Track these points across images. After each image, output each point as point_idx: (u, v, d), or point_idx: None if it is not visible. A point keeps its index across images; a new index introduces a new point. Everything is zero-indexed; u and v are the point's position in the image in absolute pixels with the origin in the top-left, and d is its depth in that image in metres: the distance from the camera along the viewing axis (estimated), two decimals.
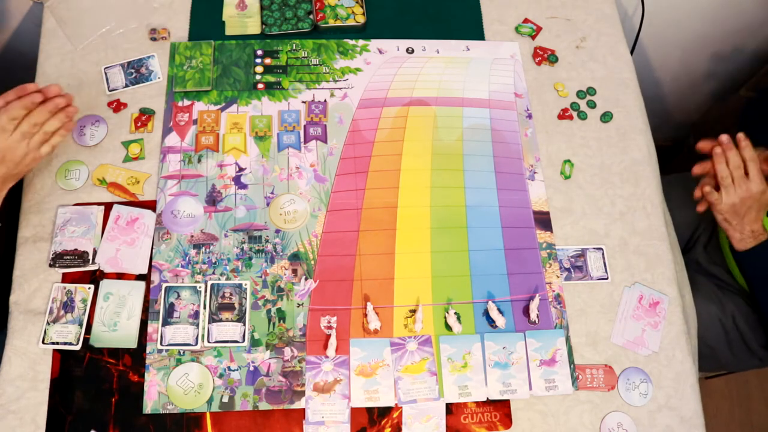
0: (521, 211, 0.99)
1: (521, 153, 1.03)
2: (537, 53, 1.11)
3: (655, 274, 0.98)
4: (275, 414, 0.85)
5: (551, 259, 0.96)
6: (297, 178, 0.98)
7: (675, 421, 0.90)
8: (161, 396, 0.84)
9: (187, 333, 0.87)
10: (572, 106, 1.08)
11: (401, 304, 0.92)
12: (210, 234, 0.93)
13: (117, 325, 0.87)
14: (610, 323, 0.94)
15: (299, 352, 0.88)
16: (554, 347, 0.91)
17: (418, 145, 1.02)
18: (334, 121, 1.02)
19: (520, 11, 1.15)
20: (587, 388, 0.90)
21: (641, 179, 1.04)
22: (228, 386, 0.85)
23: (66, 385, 0.84)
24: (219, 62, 1.04)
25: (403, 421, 0.85)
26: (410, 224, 0.96)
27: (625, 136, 1.07)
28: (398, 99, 1.05)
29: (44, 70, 1.02)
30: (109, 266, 0.90)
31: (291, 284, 0.91)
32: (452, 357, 0.89)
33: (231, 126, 1.00)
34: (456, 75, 1.08)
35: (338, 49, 1.08)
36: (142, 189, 0.95)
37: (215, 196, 0.96)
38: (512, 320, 0.92)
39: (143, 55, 1.03)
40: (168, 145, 0.98)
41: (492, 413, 0.87)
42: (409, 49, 1.09)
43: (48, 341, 0.85)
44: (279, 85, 1.04)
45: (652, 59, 1.54)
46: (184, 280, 0.90)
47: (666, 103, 1.75)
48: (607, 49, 1.13)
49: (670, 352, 0.93)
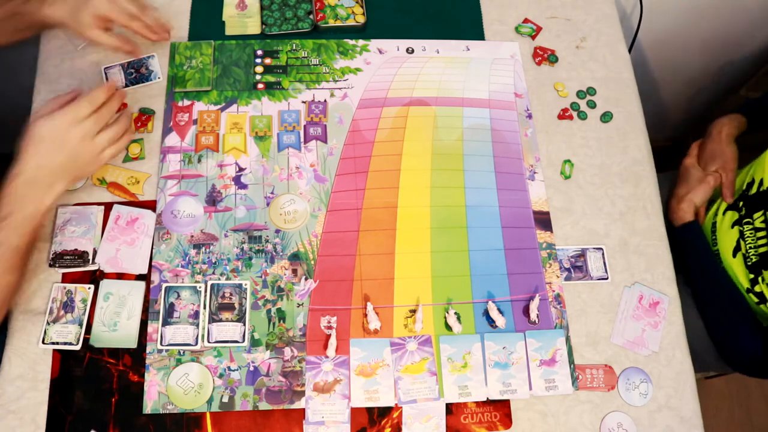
0: (521, 211, 0.99)
1: (521, 153, 1.03)
2: (537, 53, 1.11)
3: (655, 274, 0.98)
4: (275, 414, 0.85)
5: (551, 259, 0.96)
6: (297, 178, 0.98)
7: (675, 421, 0.90)
8: (161, 396, 0.84)
9: (187, 333, 0.87)
10: (572, 106, 1.08)
11: (401, 304, 0.92)
12: (210, 234, 0.93)
13: (117, 325, 0.87)
14: (610, 323, 0.94)
15: (299, 352, 0.88)
16: (554, 347, 0.91)
17: (418, 145, 1.02)
18: (334, 121, 1.02)
19: (520, 11, 1.15)
20: (587, 388, 0.90)
21: (641, 179, 1.04)
22: (228, 386, 0.85)
23: (66, 385, 0.84)
24: (219, 62, 1.04)
25: (403, 421, 0.85)
26: (410, 224, 0.96)
27: (625, 136, 1.07)
28: (398, 99, 1.05)
29: (44, 70, 1.02)
30: (109, 266, 0.90)
31: (291, 284, 0.91)
32: (452, 357, 0.89)
33: (231, 126, 1.00)
34: (456, 75, 1.08)
35: (338, 49, 1.08)
36: (142, 189, 0.95)
37: (215, 196, 0.96)
38: (512, 320, 0.92)
39: (143, 55, 1.03)
40: (168, 145, 0.98)
41: (492, 413, 0.87)
42: (409, 49, 1.09)
43: (48, 341, 0.85)
44: (279, 85, 1.04)
45: (651, 59, 1.54)
46: (184, 280, 0.90)
47: (665, 103, 1.75)
48: (607, 49, 1.13)
49: (670, 352, 0.93)
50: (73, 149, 0.79)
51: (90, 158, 0.82)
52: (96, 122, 0.81)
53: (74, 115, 0.79)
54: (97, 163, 0.84)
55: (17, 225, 0.76)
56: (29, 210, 0.77)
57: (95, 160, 0.83)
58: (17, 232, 0.76)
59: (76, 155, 0.80)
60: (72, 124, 0.79)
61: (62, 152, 0.79)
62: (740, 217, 1.07)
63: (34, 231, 0.79)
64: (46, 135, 0.78)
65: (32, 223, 0.78)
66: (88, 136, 0.81)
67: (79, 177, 0.86)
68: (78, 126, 0.80)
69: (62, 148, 0.79)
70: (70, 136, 0.79)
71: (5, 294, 0.77)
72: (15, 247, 0.77)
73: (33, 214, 0.77)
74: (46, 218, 0.82)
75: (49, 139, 0.78)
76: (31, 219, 0.78)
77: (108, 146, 0.84)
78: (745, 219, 1.06)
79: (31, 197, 0.78)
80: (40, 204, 0.79)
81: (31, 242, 0.80)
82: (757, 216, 1.03)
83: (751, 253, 1.03)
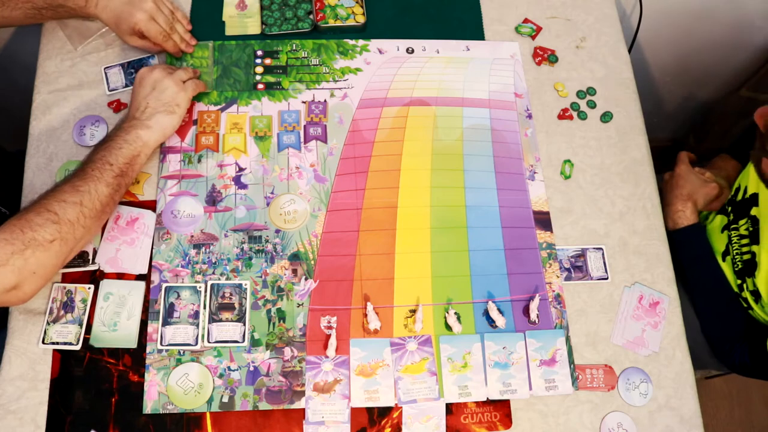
0: (521, 211, 0.99)
1: (521, 153, 1.03)
2: (537, 53, 1.11)
3: (655, 274, 0.98)
4: (275, 414, 0.85)
5: (551, 259, 0.96)
6: (297, 178, 0.98)
7: (675, 421, 0.90)
8: (161, 396, 0.84)
9: (187, 333, 0.87)
10: (572, 106, 1.08)
11: (401, 304, 0.92)
12: (210, 234, 0.93)
13: (117, 325, 0.87)
14: (610, 323, 0.94)
15: (299, 352, 0.88)
16: (554, 347, 0.91)
17: (418, 145, 1.02)
18: (334, 121, 1.02)
19: (520, 11, 1.15)
20: (587, 388, 0.90)
21: (641, 179, 1.04)
22: (228, 386, 0.85)
23: (66, 385, 0.84)
24: (219, 62, 1.04)
25: (403, 421, 0.85)
26: (410, 224, 0.96)
27: (625, 136, 1.07)
28: (398, 99, 1.05)
29: (44, 70, 1.02)
30: (109, 266, 0.90)
31: (291, 284, 0.91)
32: (452, 357, 0.89)
33: (231, 126, 1.00)
34: (456, 75, 1.08)
35: (338, 49, 1.08)
36: (142, 189, 0.95)
37: (215, 196, 0.96)
38: (512, 320, 0.92)
39: (143, 55, 1.03)
40: (168, 145, 0.98)
41: (492, 413, 0.87)
42: (409, 49, 1.09)
43: (48, 341, 0.85)
44: (279, 85, 1.04)
45: (651, 59, 1.54)
46: (184, 280, 0.90)
47: (665, 103, 1.75)
48: (607, 49, 1.13)
49: (670, 352, 0.93)
50: (161, 83, 0.93)
51: (176, 88, 0.93)
52: (169, 67, 0.97)
53: (151, 66, 0.96)
54: (185, 90, 0.94)
55: (114, 146, 0.86)
56: (130, 136, 0.88)
57: (181, 86, 0.94)
58: (120, 153, 0.86)
59: (165, 86, 0.92)
60: (153, 68, 0.95)
61: (153, 88, 0.92)
62: (728, 222, 1.08)
63: (132, 158, 0.87)
64: (143, 80, 0.93)
65: (132, 151, 0.87)
66: (168, 73, 0.94)
67: (177, 104, 0.93)
68: (159, 68, 0.95)
69: (153, 85, 0.92)
70: (155, 74, 0.93)
71: (95, 201, 0.83)
72: (111, 165, 0.85)
73: (134, 139, 0.88)
74: (145, 154, 0.90)
75: (145, 83, 0.93)
76: (132, 145, 0.87)
77: (188, 80, 0.97)
78: (733, 225, 1.06)
79: (131, 126, 0.89)
80: (142, 134, 0.89)
81: (128, 169, 0.87)
82: (742, 223, 1.04)
83: (737, 259, 1.04)
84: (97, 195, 0.82)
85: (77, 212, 0.80)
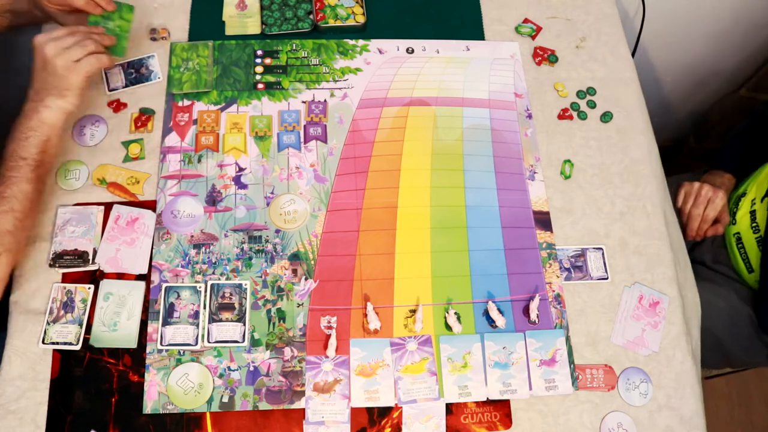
0: (521, 211, 0.99)
1: (521, 153, 1.03)
2: (537, 53, 1.11)
3: (655, 274, 0.98)
4: (275, 414, 0.85)
5: (551, 259, 0.96)
6: (297, 178, 0.98)
7: (675, 421, 0.90)
8: (161, 396, 0.84)
9: (187, 333, 0.87)
10: (572, 106, 1.08)
11: (401, 304, 0.92)
12: (210, 234, 0.93)
13: (117, 325, 0.87)
14: (610, 323, 0.94)
15: (299, 352, 0.88)
16: (554, 347, 0.91)
17: (418, 145, 1.02)
18: (334, 121, 1.02)
19: (520, 11, 1.15)
20: (587, 388, 0.90)
21: (641, 179, 1.04)
22: (228, 386, 0.85)
23: (66, 385, 0.84)
24: (219, 62, 1.04)
25: (403, 421, 0.85)
26: (410, 224, 0.96)
27: (625, 136, 1.07)
28: (398, 99, 1.05)
29: None
30: (109, 266, 0.90)
31: (291, 284, 0.91)
32: (452, 357, 0.89)
33: (231, 126, 1.00)
34: (456, 75, 1.08)
35: (338, 49, 1.08)
36: (142, 189, 0.95)
37: (215, 196, 0.96)
38: (512, 320, 0.92)
39: (143, 55, 1.03)
40: (168, 145, 0.98)
41: (492, 413, 0.87)
42: (409, 49, 1.09)
43: (48, 341, 0.85)
44: (279, 85, 1.04)
45: (653, 60, 1.54)
46: (184, 280, 0.90)
47: (667, 104, 1.75)
48: (608, 49, 1.13)
49: (670, 352, 0.93)
50: (50, 63, 0.84)
51: (65, 72, 0.85)
52: (67, 39, 0.86)
53: (47, 36, 0.86)
54: (76, 72, 0.86)
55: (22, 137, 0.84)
56: (33, 123, 0.84)
57: (72, 68, 0.85)
58: (28, 143, 0.84)
59: (54, 68, 0.84)
60: (45, 43, 0.85)
61: (44, 69, 0.85)
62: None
63: (43, 145, 0.84)
64: (36, 57, 0.86)
65: (40, 138, 0.84)
66: (60, 50, 0.85)
67: (66, 87, 0.86)
68: (52, 43, 0.85)
69: (43, 65, 0.85)
70: (46, 52, 0.85)
71: (23, 202, 0.83)
72: (25, 159, 0.83)
73: (37, 125, 0.84)
74: (55, 135, 0.86)
75: (37, 60, 0.86)
76: (36, 131, 0.84)
77: (83, 57, 0.86)
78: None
79: (31, 110, 0.85)
80: (44, 117, 0.85)
81: (44, 158, 0.85)
82: None
83: None
84: (23, 195, 0.83)
85: (12, 220, 0.81)
